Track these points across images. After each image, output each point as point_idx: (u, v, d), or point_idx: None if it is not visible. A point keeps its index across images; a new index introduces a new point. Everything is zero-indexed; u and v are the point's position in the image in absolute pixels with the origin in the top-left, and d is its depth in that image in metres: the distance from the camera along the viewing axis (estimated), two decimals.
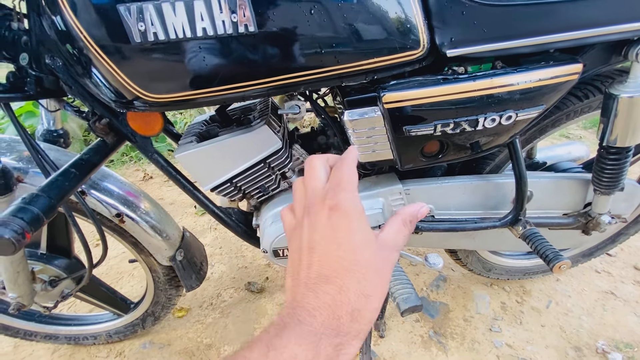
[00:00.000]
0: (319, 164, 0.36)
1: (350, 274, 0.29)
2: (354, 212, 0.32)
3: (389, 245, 0.33)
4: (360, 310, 0.28)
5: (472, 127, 0.61)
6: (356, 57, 0.54)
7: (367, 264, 0.30)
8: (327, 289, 0.29)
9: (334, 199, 0.32)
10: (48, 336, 1.10)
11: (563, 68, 0.59)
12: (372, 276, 0.30)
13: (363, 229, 0.32)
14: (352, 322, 0.28)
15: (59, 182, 0.54)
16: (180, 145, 0.70)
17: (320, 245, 0.31)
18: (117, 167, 2.21)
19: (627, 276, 1.28)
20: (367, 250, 0.31)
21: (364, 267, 0.30)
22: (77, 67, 0.56)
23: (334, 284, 0.29)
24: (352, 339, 0.28)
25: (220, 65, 0.51)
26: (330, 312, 0.28)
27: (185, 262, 0.92)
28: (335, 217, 0.31)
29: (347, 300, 0.28)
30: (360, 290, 0.29)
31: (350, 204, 0.32)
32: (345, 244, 0.30)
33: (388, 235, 0.34)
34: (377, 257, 0.31)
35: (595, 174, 0.77)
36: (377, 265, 0.31)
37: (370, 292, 0.29)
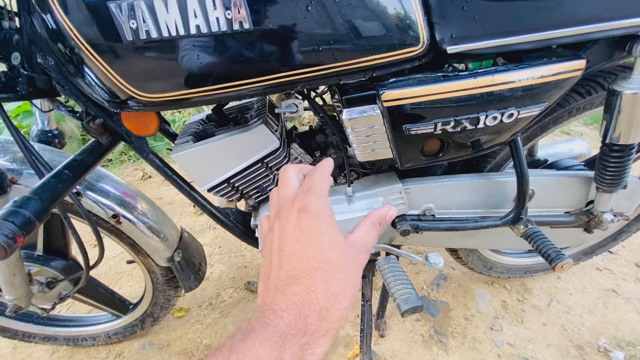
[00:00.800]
0: (292, 173, 0.38)
1: (318, 273, 0.30)
2: (322, 214, 0.33)
3: (358, 246, 0.34)
4: (328, 309, 0.29)
5: (473, 125, 0.60)
6: (354, 54, 0.53)
7: (336, 263, 0.31)
8: (296, 289, 0.29)
9: (302, 201, 0.33)
10: (47, 337, 1.10)
11: (566, 64, 0.57)
12: (341, 275, 0.30)
13: (331, 231, 0.32)
14: (320, 320, 0.28)
15: (51, 184, 0.53)
16: (176, 145, 0.69)
17: (289, 247, 0.32)
18: (116, 166, 2.20)
19: (629, 274, 1.27)
20: (335, 250, 0.31)
21: (332, 267, 0.30)
22: (69, 67, 0.54)
23: (302, 284, 0.29)
24: (320, 337, 0.28)
25: (215, 63, 0.49)
26: (297, 312, 0.28)
27: (184, 262, 0.92)
28: (303, 219, 0.32)
29: (314, 299, 0.29)
30: (328, 290, 0.29)
31: (319, 207, 0.33)
32: (314, 245, 0.31)
33: (357, 236, 0.35)
34: (346, 257, 0.32)
35: (597, 172, 0.76)
36: (345, 265, 0.31)
37: (338, 291, 0.30)
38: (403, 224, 0.79)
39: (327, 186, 0.36)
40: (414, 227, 0.79)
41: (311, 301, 0.29)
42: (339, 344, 1.09)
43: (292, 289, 0.29)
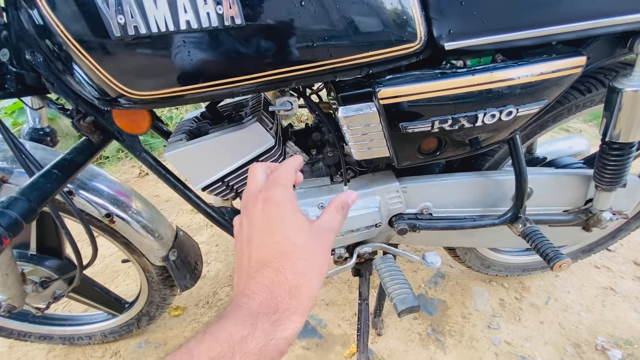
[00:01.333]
0: (259, 169, 0.39)
1: (285, 256, 0.32)
2: (285, 202, 0.35)
3: (324, 228, 0.36)
4: (297, 287, 0.31)
5: (471, 123, 0.59)
6: (350, 50, 0.52)
7: (302, 246, 0.33)
8: (265, 273, 0.31)
9: (266, 192, 0.36)
10: (42, 336, 1.09)
11: (566, 61, 0.56)
12: (307, 256, 0.33)
13: (295, 216, 0.35)
14: (291, 298, 0.30)
15: (40, 184, 0.52)
16: (169, 144, 0.68)
17: (256, 237, 0.34)
18: (113, 163, 2.18)
19: (627, 272, 1.27)
20: (300, 233, 0.34)
21: (299, 249, 0.33)
22: (57, 64, 0.53)
23: (271, 267, 0.31)
24: (291, 314, 0.30)
25: (206, 60, 0.48)
26: (268, 293, 0.30)
27: (179, 261, 0.91)
28: (268, 209, 0.34)
29: (284, 280, 0.31)
30: (297, 270, 0.31)
31: (282, 196, 0.35)
32: (280, 231, 0.33)
33: (323, 220, 0.37)
34: (311, 239, 0.34)
35: (597, 170, 0.75)
36: (312, 247, 0.34)
37: (306, 271, 0.32)
38: (400, 222, 0.78)
39: (291, 178, 0.38)
40: (411, 226, 0.78)
41: (280, 281, 0.31)
42: (336, 343, 1.08)
43: (262, 273, 0.31)
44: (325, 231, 0.36)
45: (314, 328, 1.13)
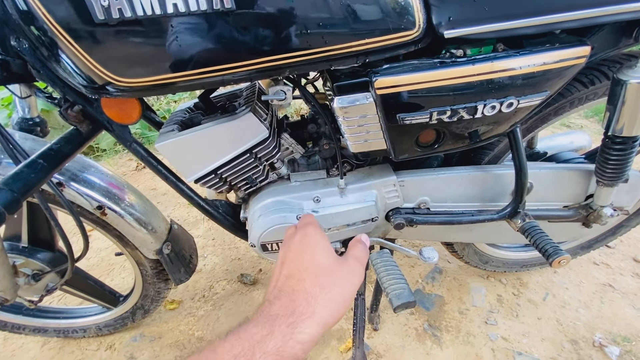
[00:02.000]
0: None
1: (308, 270, 0.38)
2: (318, 236, 0.43)
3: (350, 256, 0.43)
4: (315, 297, 0.35)
5: (471, 115, 0.57)
6: (346, 37, 0.50)
7: (325, 265, 0.39)
8: (290, 282, 0.37)
9: (305, 228, 0.45)
10: (37, 329, 1.08)
11: (570, 51, 0.54)
12: (329, 275, 0.38)
13: (324, 246, 0.42)
14: (308, 305, 0.34)
15: (24, 174, 0.50)
16: (161, 134, 0.66)
17: (289, 258, 0.41)
18: (110, 156, 2.16)
19: (626, 268, 1.26)
20: (325, 256, 0.40)
21: (321, 268, 0.38)
22: (42, 50, 0.51)
23: (295, 278, 0.37)
24: (306, 319, 0.33)
25: (196, 46, 0.46)
26: (287, 298, 0.35)
27: (173, 255, 0.90)
28: (303, 239, 0.43)
29: (303, 288, 0.36)
30: (316, 282, 0.36)
31: (317, 231, 0.44)
32: (308, 253, 0.40)
33: (349, 251, 0.45)
34: (337, 263, 0.40)
35: (598, 165, 0.74)
36: (334, 269, 0.39)
37: (325, 285, 0.37)
38: (397, 217, 0.76)
39: (317, 222, 0.48)
40: (408, 220, 0.77)
41: (300, 289, 0.36)
42: (332, 337, 1.08)
43: (287, 283, 0.37)
44: (351, 260, 0.42)
45: None
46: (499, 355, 1.02)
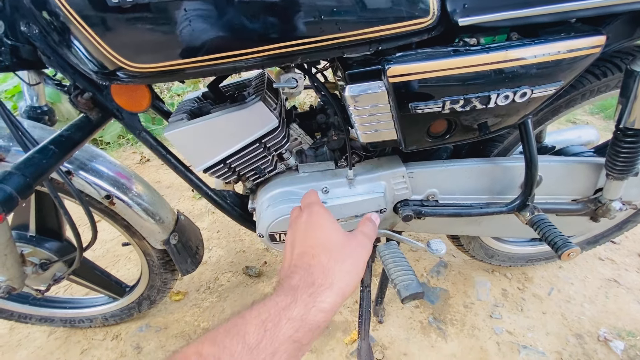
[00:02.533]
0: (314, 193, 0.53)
1: (321, 246, 0.40)
2: (325, 214, 0.44)
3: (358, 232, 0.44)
4: (331, 269, 0.37)
5: (484, 104, 0.57)
6: (359, 24, 0.49)
7: (336, 241, 0.41)
8: (305, 258, 0.39)
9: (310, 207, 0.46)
10: (43, 319, 1.09)
11: (584, 40, 0.54)
12: (341, 249, 0.40)
13: (331, 223, 0.43)
14: (325, 277, 0.36)
15: (35, 159, 0.50)
16: (170, 123, 0.66)
17: (299, 237, 0.43)
18: (114, 149, 2.17)
19: (632, 264, 1.26)
20: (336, 233, 0.42)
21: (333, 243, 0.40)
22: (53, 35, 0.51)
23: (309, 254, 0.39)
24: (325, 289, 0.35)
25: (208, 31, 0.46)
26: (305, 272, 0.37)
27: (180, 245, 0.90)
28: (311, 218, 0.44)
29: (319, 262, 0.38)
30: (330, 256, 0.38)
31: (322, 210, 0.45)
32: (318, 231, 0.42)
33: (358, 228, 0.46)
34: (346, 238, 0.42)
35: (609, 158, 0.73)
36: (345, 243, 0.41)
37: (339, 258, 0.38)
38: (405, 209, 0.76)
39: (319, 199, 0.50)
40: (417, 212, 0.77)
41: (316, 264, 0.37)
42: (337, 329, 1.08)
43: (302, 259, 0.39)
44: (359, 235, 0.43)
45: None
46: (504, 348, 1.02)
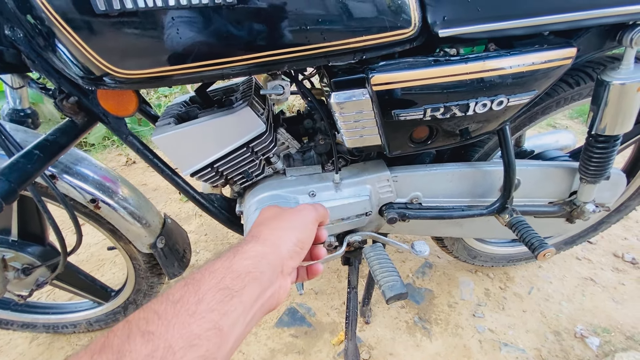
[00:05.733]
0: None
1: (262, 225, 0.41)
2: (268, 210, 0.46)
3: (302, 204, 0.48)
4: (260, 231, 0.39)
5: (463, 112, 0.59)
6: (344, 34, 0.51)
7: (274, 214, 0.44)
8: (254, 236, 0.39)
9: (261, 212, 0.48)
10: (25, 325, 1.07)
11: (557, 52, 0.57)
12: (275, 217, 0.43)
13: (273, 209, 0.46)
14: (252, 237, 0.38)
15: (20, 164, 0.50)
16: (157, 127, 0.66)
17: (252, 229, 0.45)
18: (99, 151, 2.13)
19: (607, 263, 1.31)
20: (272, 212, 0.45)
21: (271, 218, 0.43)
22: (38, 40, 0.51)
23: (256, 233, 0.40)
24: (248, 242, 0.37)
25: (195, 39, 0.47)
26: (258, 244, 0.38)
27: (167, 249, 0.89)
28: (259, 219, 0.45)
29: (252, 229, 0.41)
30: (265, 225, 0.41)
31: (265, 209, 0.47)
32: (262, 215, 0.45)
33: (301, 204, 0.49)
34: (282, 210, 0.45)
35: (582, 163, 0.77)
36: (281, 213, 0.44)
37: (270, 223, 0.41)
38: (390, 212, 0.78)
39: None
40: (401, 215, 0.79)
41: (250, 234, 0.39)
42: (324, 331, 1.09)
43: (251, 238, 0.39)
44: (301, 205, 0.46)
45: (302, 316, 1.14)
46: (486, 346, 1.05)
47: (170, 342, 0.25)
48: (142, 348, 0.24)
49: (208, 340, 0.27)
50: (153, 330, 0.25)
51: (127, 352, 0.24)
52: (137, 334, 0.25)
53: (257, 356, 1.03)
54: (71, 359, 0.24)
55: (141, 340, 0.25)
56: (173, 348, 0.25)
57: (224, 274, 0.30)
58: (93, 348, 0.25)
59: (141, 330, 0.25)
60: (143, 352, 0.24)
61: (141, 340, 0.25)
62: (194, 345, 0.26)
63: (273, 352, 1.04)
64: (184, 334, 0.26)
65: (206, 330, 0.27)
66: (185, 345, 0.25)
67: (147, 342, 0.25)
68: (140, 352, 0.24)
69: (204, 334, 0.27)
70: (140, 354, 0.24)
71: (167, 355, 0.25)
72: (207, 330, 0.27)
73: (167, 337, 0.25)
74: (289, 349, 1.05)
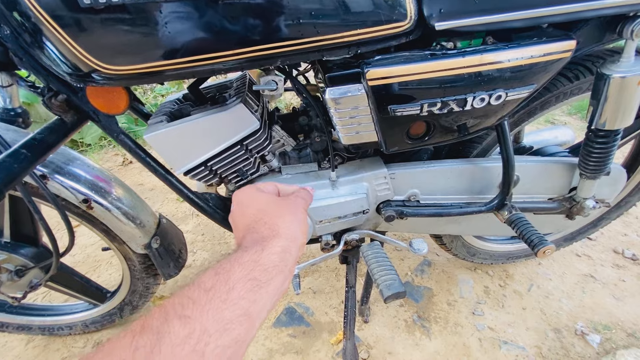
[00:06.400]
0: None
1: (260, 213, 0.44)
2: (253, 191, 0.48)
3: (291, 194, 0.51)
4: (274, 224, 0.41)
5: (460, 107, 0.58)
6: (338, 28, 0.50)
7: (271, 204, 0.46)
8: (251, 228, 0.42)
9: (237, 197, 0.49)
10: (21, 327, 1.06)
11: (556, 45, 0.56)
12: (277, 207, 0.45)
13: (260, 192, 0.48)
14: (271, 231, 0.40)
15: (6, 164, 0.48)
16: (149, 125, 0.65)
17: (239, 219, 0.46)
18: (95, 151, 2.11)
19: (607, 259, 1.31)
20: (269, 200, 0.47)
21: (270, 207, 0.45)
22: (25, 36, 0.49)
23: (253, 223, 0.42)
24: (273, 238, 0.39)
25: (184, 33, 0.45)
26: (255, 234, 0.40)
27: (162, 249, 0.88)
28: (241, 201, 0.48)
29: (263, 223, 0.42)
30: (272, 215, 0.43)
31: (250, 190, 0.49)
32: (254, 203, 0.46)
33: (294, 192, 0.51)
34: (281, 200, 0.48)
35: (582, 158, 0.76)
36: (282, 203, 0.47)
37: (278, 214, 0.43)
38: (388, 209, 0.77)
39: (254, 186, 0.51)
40: (399, 212, 0.78)
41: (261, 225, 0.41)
42: (323, 330, 1.09)
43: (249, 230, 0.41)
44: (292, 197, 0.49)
45: (301, 316, 1.13)
46: (486, 344, 1.05)
47: (205, 326, 0.28)
48: (180, 330, 0.27)
49: (240, 325, 0.30)
50: (189, 315, 0.28)
51: (166, 333, 0.26)
52: (174, 317, 0.28)
53: (255, 356, 1.02)
54: (113, 340, 0.26)
55: (179, 323, 0.27)
56: (209, 331, 0.28)
57: (253, 267, 0.33)
58: (134, 329, 0.27)
59: (178, 314, 0.28)
60: (181, 333, 0.27)
61: (179, 322, 0.27)
62: (227, 330, 0.29)
63: (271, 352, 1.03)
64: (218, 319, 0.29)
65: (238, 316, 0.30)
66: (220, 329, 0.28)
67: (185, 325, 0.27)
68: (178, 334, 0.27)
69: (236, 319, 0.30)
70: (179, 335, 0.27)
71: (204, 337, 0.27)
72: (239, 316, 0.30)
73: (202, 320, 0.28)
74: (287, 349, 1.04)
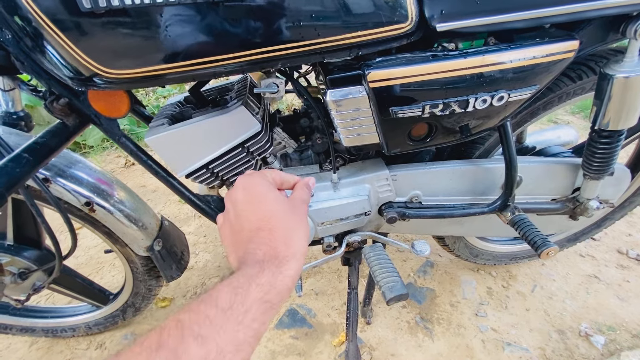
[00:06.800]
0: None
1: (274, 218, 0.40)
2: (262, 182, 0.43)
3: (297, 200, 0.45)
4: (289, 239, 0.39)
5: (462, 108, 0.58)
6: (339, 30, 0.50)
7: (285, 209, 0.41)
8: (261, 234, 0.38)
9: (243, 183, 0.43)
10: (24, 329, 1.06)
11: (559, 45, 0.55)
12: (291, 217, 0.41)
13: (272, 191, 0.43)
14: (287, 248, 0.38)
15: (8, 168, 0.48)
16: (150, 128, 0.65)
17: (243, 214, 0.41)
18: (97, 153, 2.12)
19: (611, 260, 1.30)
20: (281, 202, 0.42)
21: (284, 212, 0.41)
22: (27, 41, 0.49)
23: (265, 230, 0.39)
24: (290, 259, 0.37)
25: (186, 37, 0.45)
26: (267, 246, 0.37)
27: (164, 252, 0.88)
28: (249, 190, 0.42)
29: (278, 235, 0.38)
30: (286, 226, 0.40)
31: (257, 179, 0.43)
32: (263, 203, 0.41)
33: (296, 194, 0.46)
34: (290, 206, 0.43)
35: (585, 159, 0.75)
36: (292, 211, 0.42)
37: (293, 226, 0.40)
38: (389, 211, 0.77)
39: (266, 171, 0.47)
40: (401, 214, 0.77)
41: (276, 237, 0.38)
42: (325, 332, 1.08)
43: (258, 235, 0.38)
44: (299, 202, 0.45)
45: (303, 317, 1.12)
46: (489, 346, 1.04)
47: (221, 347, 0.29)
48: (197, 350, 0.28)
49: (249, 346, 0.31)
50: (206, 335, 0.29)
51: (183, 354, 0.27)
52: (191, 336, 0.28)
53: (257, 358, 1.02)
54: (125, 354, 0.27)
55: (195, 344, 0.28)
56: (224, 352, 0.29)
57: (269, 290, 0.34)
58: (148, 345, 0.27)
59: (194, 334, 0.29)
60: (198, 354, 0.28)
61: (195, 343, 0.28)
62: (239, 351, 0.30)
63: (273, 354, 1.03)
64: (233, 340, 0.30)
65: (249, 337, 0.31)
66: (233, 350, 0.29)
67: (201, 346, 0.28)
68: (195, 355, 0.27)
69: (248, 340, 0.31)
70: (195, 356, 0.27)
71: (219, 358, 0.28)
72: (250, 337, 0.31)
73: (218, 341, 0.29)
74: (289, 350, 1.04)
